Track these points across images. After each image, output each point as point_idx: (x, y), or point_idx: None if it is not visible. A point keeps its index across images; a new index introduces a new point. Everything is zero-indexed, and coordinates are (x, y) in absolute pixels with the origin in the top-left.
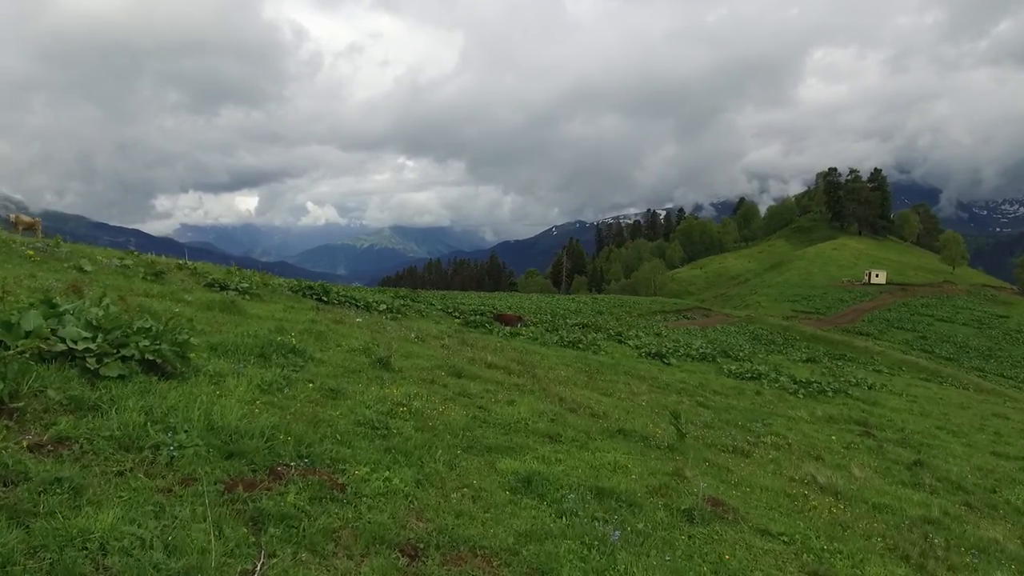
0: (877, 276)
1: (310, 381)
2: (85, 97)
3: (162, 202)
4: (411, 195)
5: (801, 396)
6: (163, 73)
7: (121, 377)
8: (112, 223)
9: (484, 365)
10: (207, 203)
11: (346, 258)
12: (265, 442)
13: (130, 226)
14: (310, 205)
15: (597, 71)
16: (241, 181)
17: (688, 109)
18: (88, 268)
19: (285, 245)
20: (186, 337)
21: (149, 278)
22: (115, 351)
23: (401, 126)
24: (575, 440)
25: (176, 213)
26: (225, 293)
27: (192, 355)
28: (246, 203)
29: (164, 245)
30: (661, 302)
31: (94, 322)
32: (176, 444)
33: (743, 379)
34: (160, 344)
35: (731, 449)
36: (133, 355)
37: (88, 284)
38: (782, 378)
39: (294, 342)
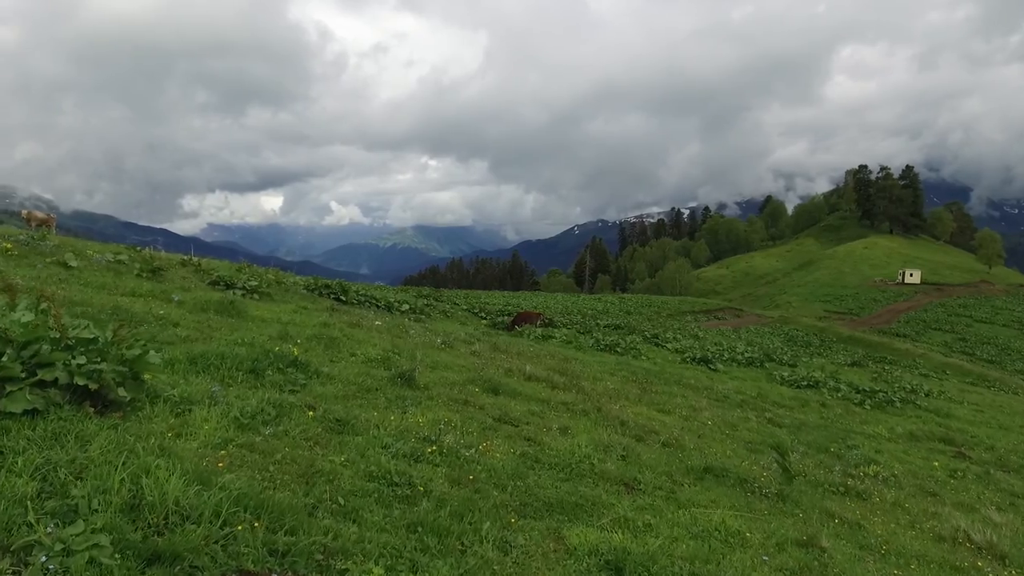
0: (911, 276)
1: (310, 407)
2: (115, 98)
3: (189, 201)
4: (434, 195)
5: (868, 407)
6: (191, 74)
7: (31, 413)
8: (140, 223)
9: (523, 377)
10: (233, 203)
11: (369, 257)
12: (220, 527)
13: (158, 225)
14: (334, 205)
15: (621, 69)
16: (267, 181)
17: (713, 107)
18: (73, 264)
19: (309, 244)
20: (139, 352)
21: (144, 275)
22: (29, 374)
23: (425, 126)
24: (658, 487)
25: (203, 213)
26: (229, 292)
27: (148, 376)
28: (271, 203)
29: (191, 244)
30: (690, 302)
31: (4, 334)
32: (61, 545)
33: (800, 387)
34: (101, 363)
35: (842, 489)
36: (57, 379)
37: (67, 282)
38: (842, 386)
39: (296, 352)
